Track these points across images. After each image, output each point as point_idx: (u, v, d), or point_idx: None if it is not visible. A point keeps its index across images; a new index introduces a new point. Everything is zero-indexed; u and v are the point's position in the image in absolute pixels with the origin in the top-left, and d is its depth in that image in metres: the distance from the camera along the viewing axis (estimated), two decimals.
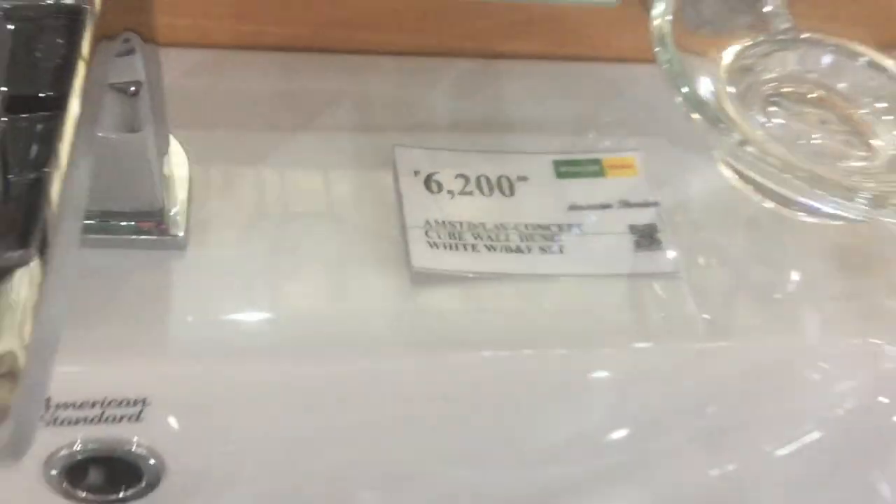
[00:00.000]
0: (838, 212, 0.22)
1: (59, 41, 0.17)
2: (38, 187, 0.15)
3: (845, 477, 0.26)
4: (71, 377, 0.21)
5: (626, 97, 0.30)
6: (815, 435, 0.25)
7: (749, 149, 0.22)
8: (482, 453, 0.25)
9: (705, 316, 0.25)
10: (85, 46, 0.17)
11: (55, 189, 0.15)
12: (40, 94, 0.18)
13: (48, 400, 0.21)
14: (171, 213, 0.23)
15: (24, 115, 0.18)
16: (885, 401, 0.25)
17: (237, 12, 0.28)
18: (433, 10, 0.29)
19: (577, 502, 0.27)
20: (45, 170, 0.16)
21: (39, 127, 0.17)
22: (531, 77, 0.30)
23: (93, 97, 0.17)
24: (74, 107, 0.16)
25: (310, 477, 0.25)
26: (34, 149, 0.17)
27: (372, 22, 0.29)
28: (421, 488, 0.26)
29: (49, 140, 0.16)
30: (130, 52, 0.20)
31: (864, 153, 0.24)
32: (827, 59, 0.25)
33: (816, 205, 0.22)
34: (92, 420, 0.22)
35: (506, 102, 0.29)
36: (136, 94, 0.20)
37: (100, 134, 0.20)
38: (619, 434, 0.25)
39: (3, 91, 0.19)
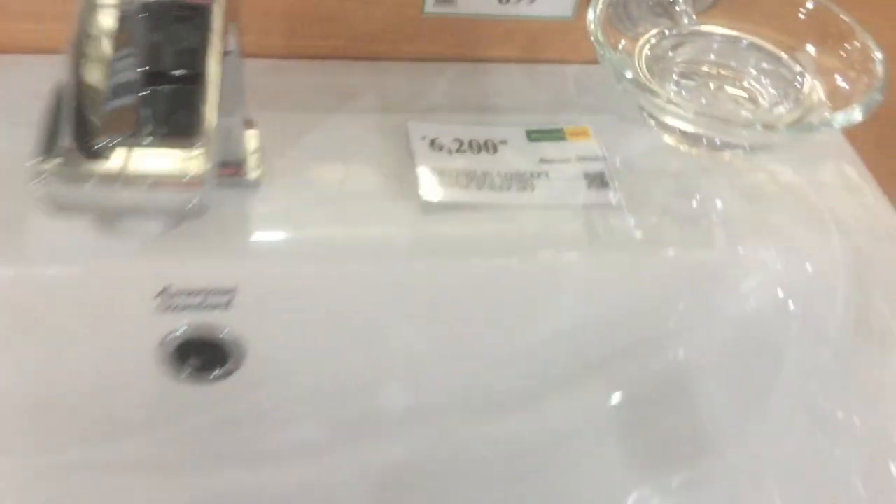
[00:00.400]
0: (739, 141, 0.31)
1: (191, 30, 0.27)
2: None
3: (754, 359, 0.34)
4: (182, 271, 0.30)
5: (584, 88, 0.39)
6: (727, 321, 0.34)
7: (672, 105, 0.31)
8: (476, 342, 0.34)
9: (638, 234, 0.33)
10: (216, 33, 0.26)
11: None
12: (178, 72, 0.28)
13: (168, 287, 0.30)
14: (248, 163, 0.32)
15: (168, 85, 0.27)
16: (781, 294, 0.34)
17: (289, 29, 0.37)
18: (432, 26, 0.38)
19: (561, 390, 0.35)
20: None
21: (182, 95, 0.27)
22: (509, 75, 0.39)
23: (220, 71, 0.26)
24: (214, 75, 0.25)
25: (359, 363, 0.33)
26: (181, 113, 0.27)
27: (387, 37, 0.38)
28: (436, 374, 0.34)
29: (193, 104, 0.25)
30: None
31: (751, 107, 0.33)
32: (718, 45, 0.34)
33: (722, 138, 0.31)
34: (196, 306, 0.31)
35: (490, 93, 0.38)
36: (229, 54, 0.28)
37: None
38: (587, 326, 0.34)
39: (146, 69, 0.28)
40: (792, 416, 0.32)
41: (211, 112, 0.23)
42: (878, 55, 0.31)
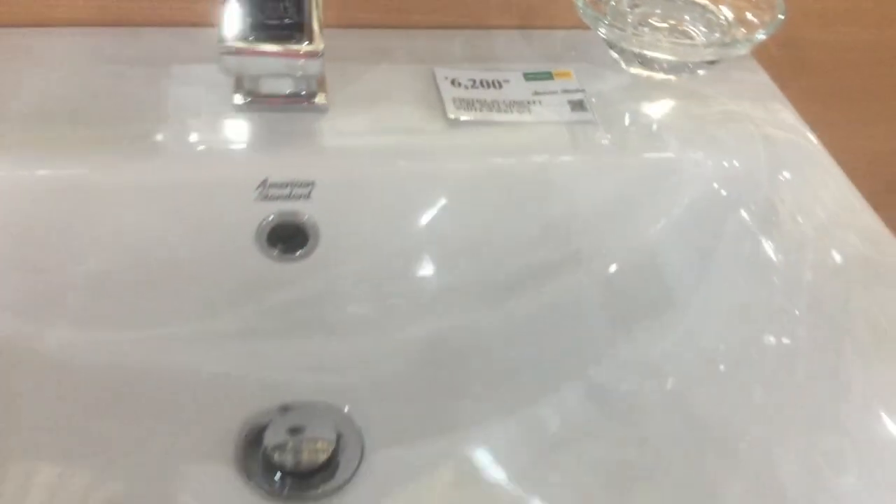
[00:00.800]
0: (693, 59, 0.42)
1: None
2: None
3: (699, 230, 0.45)
4: (286, 169, 0.41)
5: (569, 46, 0.51)
6: (678, 204, 0.44)
7: (639, 36, 0.42)
8: (489, 228, 0.44)
9: (609, 143, 0.44)
10: None
11: None
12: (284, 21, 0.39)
13: (266, 179, 0.41)
14: (318, 93, 0.44)
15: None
16: (723, 192, 0.44)
17: (340, 4, 0.49)
18: (447, 2, 0.50)
19: (556, 271, 0.46)
20: None
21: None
22: (510, 38, 0.51)
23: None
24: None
25: (404, 246, 0.44)
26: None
27: (412, 9, 0.50)
28: (460, 257, 0.45)
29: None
30: None
31: (689, 41, 0.44)
32: (662, 4, 0.45)
33: (667, 57, 0.42)
34: (284, 196, 0.41)
35: (495, 49, 0.50)
36: None
37: None
38: (574, 215, 0.45)
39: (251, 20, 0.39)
40: (731, 270, 0.43)
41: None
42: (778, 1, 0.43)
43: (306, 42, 0.39)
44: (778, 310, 0.40)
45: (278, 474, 0.41)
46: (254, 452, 0.41)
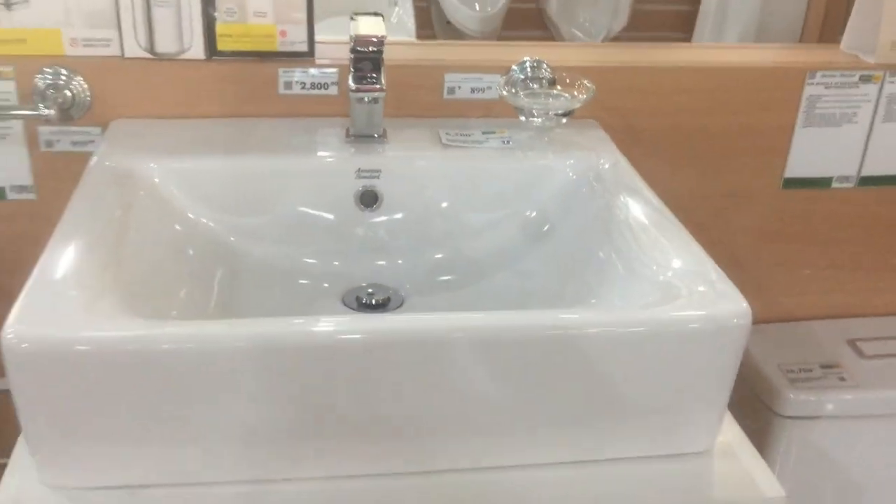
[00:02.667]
0: (554, 110, 0.91)
1: None
2: None
3: (574, 199, 0.91)
4: (368, 163, 0.88)
5: (502, 123, 1.00)
6: (554, 186, 0.92)
7: (527, 100, 0.91)
8: (477, 209, 0.91)
9: (519, 155, 0.92)
10: None
11: None
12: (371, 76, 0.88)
13: (360, 168, 0.88)
14: (385, 134, 0.92)
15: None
16: (573, 176, 0.92)
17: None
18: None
19: (513, 235, 0.92)
20: None
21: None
22: (476, 119, 1.00)
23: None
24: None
25: (430, 213, 0.91)
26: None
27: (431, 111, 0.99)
28: (462, 219, 0.92)
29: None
30: None
31: (552, 102, 0.94)
32: (536, 85, 0.95)
33: (543, 110, 0.92)
34: (367, 177, 0.89)
35: (469, 122, 0.99)
36: None
37: None
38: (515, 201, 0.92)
39: None
40: (577, 211, 0.90)
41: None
42: (589, 84, 0.92)
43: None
44: (594, 224, 0.87)
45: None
46: (350, 300, 0.86)
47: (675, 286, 0.70)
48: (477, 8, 1.66)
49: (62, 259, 0.69)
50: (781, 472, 1.08)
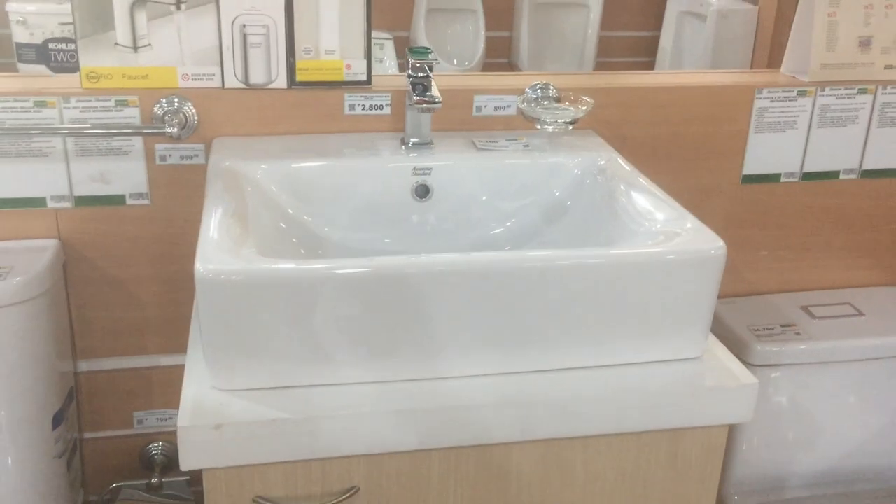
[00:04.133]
0: (561, 120, 1.18)
1: None
2: None
3: (581, 189, 1.17)
4: (421, 162, 1.13)
5: (522, 133, 1.26)
6: (565, 180, 1.17)
7: (543, 112, 1.17)
8: (492, 200, 1.16)
9: (537, 154, 1.18)
10: None
11: None
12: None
13: (415, 167, 1.13)
14: (429, 137, 1.18)
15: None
16: (577, 172, 1.18)
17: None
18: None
19: (521, 217, 1.17)
20: None
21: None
22: (499, 133, 1.26)
23: None
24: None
25: (469, 196, 1.15)
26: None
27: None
28: (484, 206, 1.16)
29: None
30: None
31: (560, 113, 1.20)
32: (547, 101, 1.22)
33: (554, 119, 1.18)
34: (420, 174, 1.13)
35: (495, 135, 1.25)
36: None
37: None
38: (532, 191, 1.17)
39: None
40: (584, 196, 1.15)
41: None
42: (588, 99, 1.19)
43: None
44: (599, 204, 1.12)
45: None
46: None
47: (667, 233, 0.96)
48: (455, 63, 1.94)
49: (212, 225, 0.92)
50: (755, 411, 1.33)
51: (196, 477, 1.33)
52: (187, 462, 0.83)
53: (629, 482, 0.95)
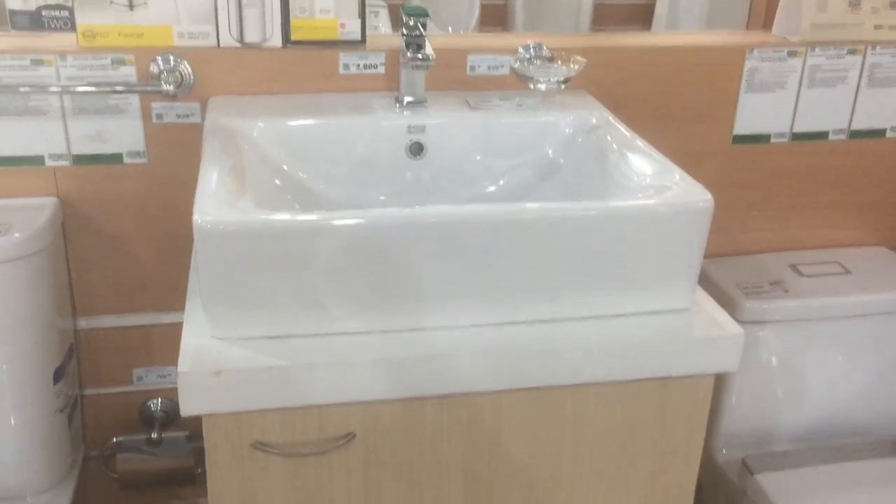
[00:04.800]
0: (554, 80, 1.19)
1: None
2: None
3: (573, 146, 1.18)
4: (416, 121, 1.14)
5: (514, 92, 1.27)
6: (558, 136, 1.19)
7: (534, 70, 1.19)
8: (491, 156, 1.18)
9: (530, 112, 1.19)
10: None
11: None
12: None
13: (410, 125, 1.14)
14: (426, 100, 1.19)
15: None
16: (569, 131, 1.19)
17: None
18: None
19: (523, 168, 1.19)
20: None
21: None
22: (492, 93, 1.27)
23: None
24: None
25: (462, 152, 1.17)
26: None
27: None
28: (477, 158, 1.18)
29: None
30: None
31: (552, 71, 1.21)
32: (540, 60, 1.23)
33: (546, 77, 1.19)
34: (415, 132, 1.15)
35: (488, 95, 1.26)
36: None
37: None
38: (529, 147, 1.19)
39: None
40: (577, 151, 1.17)
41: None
42: (580, 58, 1.20)
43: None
44: (591, 161, 1.14)
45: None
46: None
47: (657, 187, 0.98)
48: (450, 30, 1.94)
49: (211, 178, 0.94)
50: (743, 366, 1.35)
51: (195, 432, 1.35)
52: (187, 407, 0.85)
53: (618, 431, 0.97)
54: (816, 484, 1.29)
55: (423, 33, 1.14)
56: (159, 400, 1.36)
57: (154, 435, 1.34)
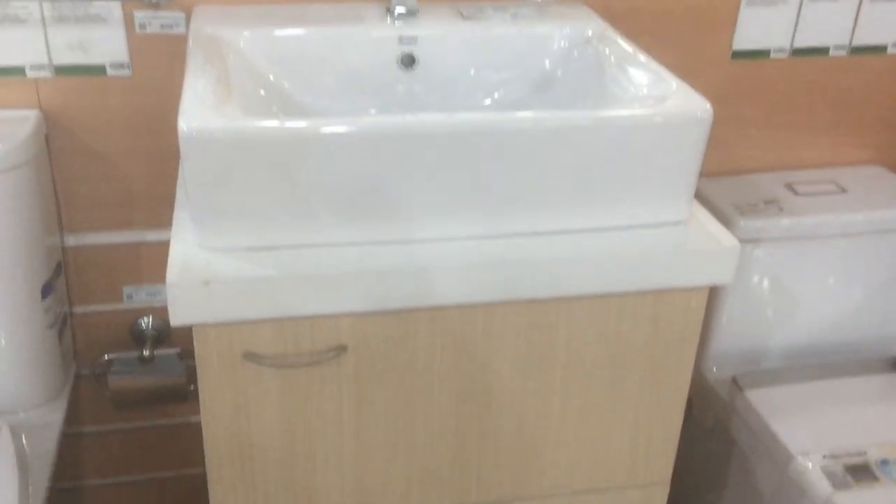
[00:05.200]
0: None
1: None
2: None
3: (560, 55, 1.16)
4: (408, 31, 1.11)
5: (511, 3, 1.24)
6: (555, 47, 1.16)
7: None
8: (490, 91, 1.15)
9: (526, 22, 1.16)
10: None
11: None
12: None
13: (401, 35, 1.11)
14: (418, 11, 1.15)
15: None
16: (564, 44, 1.16)
17: None
18: None
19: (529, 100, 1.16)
20: None
21: None
22: (487, 3, 1.23)
23: None
24: None
25: (455, 66, 1.14)
26: None
27: None
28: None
29: None
30: None
31: None
32: None
33: None
34: (407, 43, 1.12)
35: (482, 4, 1.22)
36: None
37: None
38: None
39: None
40: (574, 64, 1.14)
41: None
42: None
43: None
44: (587, 73, 1.11)
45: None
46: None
47: (655, 97, 0.95)
48: None
49: (196, 87, 0.91)
50: (735, 285, 1.35)
51: (187, 350, 1.35)
52: (177, 318, 0.84)
53: (612, 344, 0.97)
54: (805, 400, 1.30)
55: None
56: (150, 318, 1.35)
57: (146, 353, 1.34)
